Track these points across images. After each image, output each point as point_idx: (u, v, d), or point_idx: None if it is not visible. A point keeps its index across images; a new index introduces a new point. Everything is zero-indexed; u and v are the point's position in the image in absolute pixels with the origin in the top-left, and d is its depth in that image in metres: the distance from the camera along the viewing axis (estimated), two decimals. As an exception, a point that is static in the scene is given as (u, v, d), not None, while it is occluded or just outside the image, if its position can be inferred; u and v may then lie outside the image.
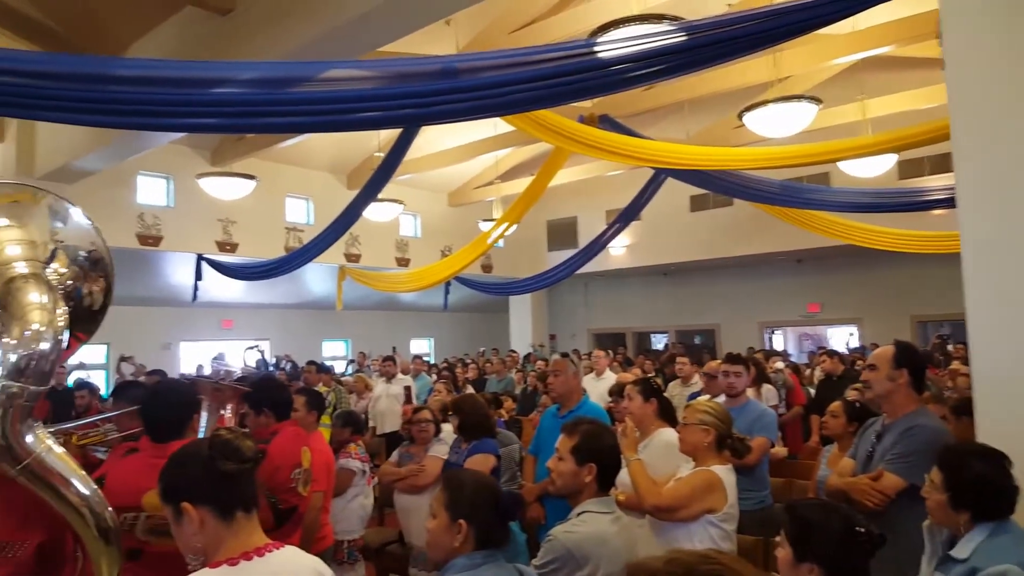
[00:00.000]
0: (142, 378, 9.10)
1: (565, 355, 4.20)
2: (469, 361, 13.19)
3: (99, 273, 2.36)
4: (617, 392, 4.66)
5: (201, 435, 2.93)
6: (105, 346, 14.18)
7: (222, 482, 1.58)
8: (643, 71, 3.43)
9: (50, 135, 8.82)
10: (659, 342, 18.96)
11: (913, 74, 9.95)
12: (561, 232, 17.14)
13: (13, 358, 1.89)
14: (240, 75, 3.77)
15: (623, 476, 2.84)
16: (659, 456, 3.35)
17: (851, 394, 5.07)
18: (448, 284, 12.75)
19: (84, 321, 2.31)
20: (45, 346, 1.94)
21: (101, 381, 13.11)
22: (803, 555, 1.81)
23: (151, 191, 11.82)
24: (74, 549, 2.20)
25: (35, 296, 2.02)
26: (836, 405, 4.18)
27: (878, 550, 1.81)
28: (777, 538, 1.91)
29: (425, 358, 13.11)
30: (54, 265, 2.21)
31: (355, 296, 14.48)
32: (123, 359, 12.33)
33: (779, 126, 7.44)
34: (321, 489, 3.71)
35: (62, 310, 2.05)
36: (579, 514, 2.38)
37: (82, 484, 2.01)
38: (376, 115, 3.88)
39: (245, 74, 3.79)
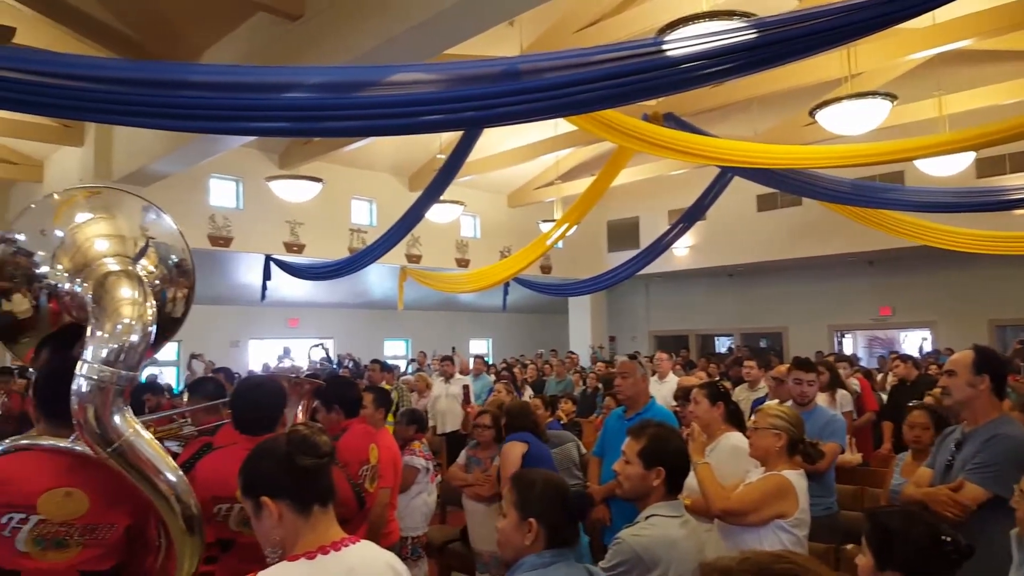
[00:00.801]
0: (210, 374, 9.41)
1: (633, 357, 4.17)
2: (528, 362, 13.20)
3: (185, 281, 2.45)
4: (683, 396, 4.60)
5: None
6: (177, 343, 14.69)
7: (299, 477, 1.62)
8: (712, 69, 3.35)
9: (127, 139, 9.16)
10: (723, 345, 18.62)
11: (993, 68, 9.54)
12: (622, 232, 16.99)
13: (104, 351, 1.97)
14: (308, 79, 3.83)
15: (689, 480, 2.80)
16: (726, 460, 3.30)
17: (926, 400, 4.88)
18: (507, 285, 12.76)
19: (164, 324, 2.40)
20: (135, 338, 2.03)
21: (172, 377, 13.62)
22: (884, 563, 1.76)
23: (222, 193, 12.18)
24: (157, 536, 2.28)
25: (126, 291, 2.10)
26: (920, 415, 3.94)
27: (965, 561, 1.74)
28: (849, 545, 1.87)
29: (484, 358, 13.19)
30: (144, 261, 2.30)
31: (416, 296, 14.66)
32: (193, 356, 12.76)
33: (852, 123, 7.22)
34: (388, 485, 3.77)
35: (151, 304, 2.13)
36: (647, 517, 2.36)
37: (169, 471, 2.08)
38: (439, 118, 3.89)
39: (313, 78, 3.84)
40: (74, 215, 2.30)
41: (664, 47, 3.39)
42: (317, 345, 11.77)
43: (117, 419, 1.97)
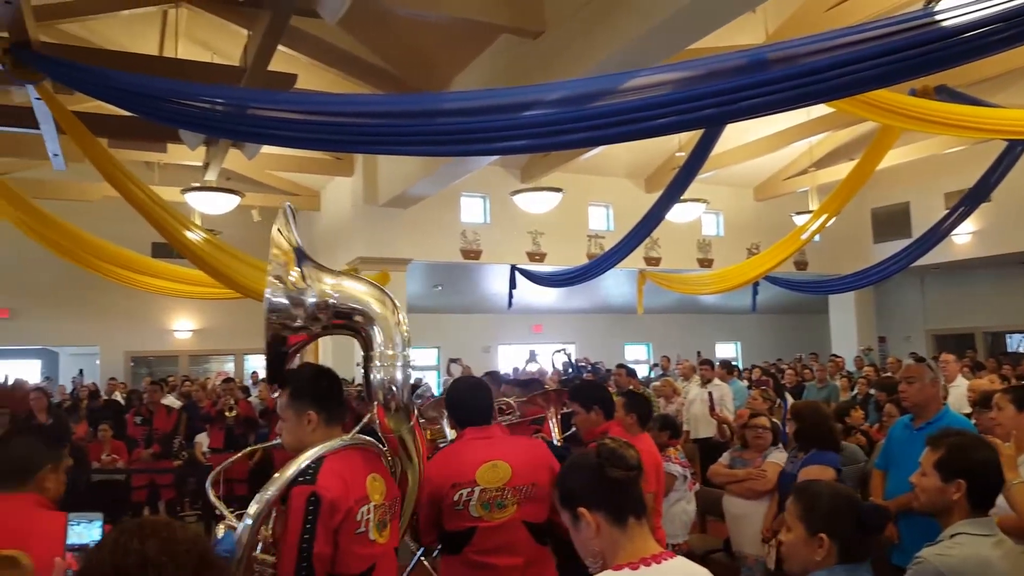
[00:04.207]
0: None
1: (921, 360, 3.77)
2: (785, 366, 12.45)
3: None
4: (981, 402, 4.08)
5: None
6: (436, 350, 16.01)
7: (612, 488, 1.66)
8: (998, 36, 2.93)
9: (390, 167, 10.07)
10: (1016, 343, 16.16)
11: None
12: (889, 220, 15.31)
13: (380, 337, 2.42)
14: (547, 96, 3.90)
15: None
16: (1042, 475, 2.85)
17: None
18: (756, 284, 12.18)
19: None
20: (391, 314, 2.50)
21: (433, 381, 14.81)
22: None
23: (471, 210, 13.02)
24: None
25: (360, 287, 2.55)
26: None
27: None
28: None
29: (733, 363, 12.64)
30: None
31: (656, 299, 14.47)
32: (452, 361, 13.78)
33: None
34: (651, 490, 3.76)
35: (380, 287, 2.59)
36: (952, 536, 2.14)
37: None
38: (674, 119, 3.76)
39: (551, 95, 3.91)
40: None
41: (937, 17, 3.05)
42: (559, 351, 12.08)
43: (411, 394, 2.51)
